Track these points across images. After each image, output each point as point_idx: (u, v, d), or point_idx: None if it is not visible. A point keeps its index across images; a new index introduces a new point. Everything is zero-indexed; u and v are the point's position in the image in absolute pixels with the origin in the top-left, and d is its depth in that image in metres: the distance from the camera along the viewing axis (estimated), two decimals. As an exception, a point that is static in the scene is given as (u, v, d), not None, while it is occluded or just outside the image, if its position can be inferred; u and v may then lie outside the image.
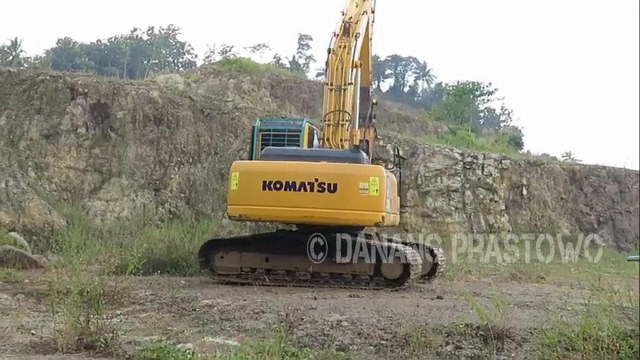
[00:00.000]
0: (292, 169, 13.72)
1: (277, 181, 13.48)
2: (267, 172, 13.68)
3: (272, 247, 14.39)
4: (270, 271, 14.22)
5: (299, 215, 13.69)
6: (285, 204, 13.52)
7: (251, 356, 8.24)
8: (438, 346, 8.66)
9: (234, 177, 13.62)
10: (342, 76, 15.32)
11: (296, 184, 13.45)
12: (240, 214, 13.96)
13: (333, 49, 15.50)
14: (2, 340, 8.98)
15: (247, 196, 13.64)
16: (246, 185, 13.64)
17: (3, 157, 22.94)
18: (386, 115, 38.69)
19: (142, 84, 27.57)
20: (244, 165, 14.18)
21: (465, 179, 27.86)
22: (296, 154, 14.35)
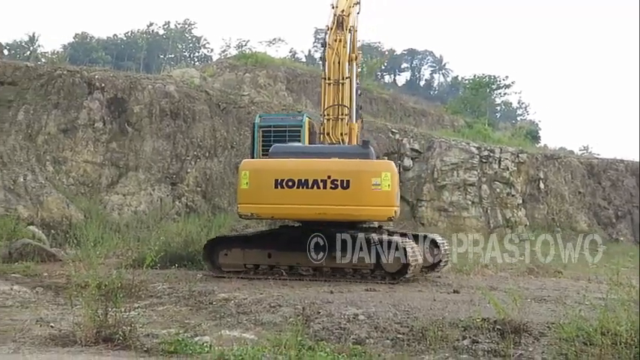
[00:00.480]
0: (304, 166, 13.74)
1: (289, 179, 13.50)
2: (278, 170, 13.66)
3: (274, 244, 14.48)
4: (273, 267, 14.35)
5: (312, 213, 13.65)
6: (297, 202, 13.52)
7: (268, 349, 8.26)
8: (455, 340, 8.64)
9: (244, 175, 13.60)
10: (339, 70, 15.54)
11: (308, 181, 13.50)
12: (251, 213, 13.92)
13: (329, 43, 15.62)
14: (22, 332, 9.06)
15: (258, 194, 13.64)
16: (257, 184, 13.65)
17: (21, 152, 23.11)
18: (402, 109, 38.60)
19: (159, 78, 27.67)
20: (254, 163, 14.04)
21: (481, 173, 27.75)
22: (305, 150, 14.38)
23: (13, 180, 22.44)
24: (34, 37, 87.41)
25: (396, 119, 34.12)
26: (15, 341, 8.67)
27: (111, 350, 8.27)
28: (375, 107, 36.86)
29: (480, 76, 52.89)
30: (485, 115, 45.97)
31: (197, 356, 8.11)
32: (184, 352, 8.18)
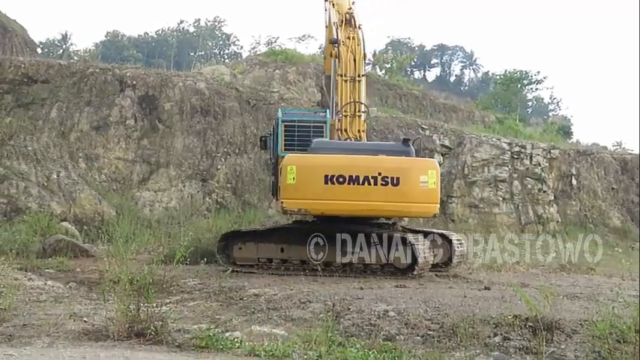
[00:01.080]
0: (356, 162, 13.69)
1: (340, 174, 13.41)
2: (329, 165, 13.54)
3: (287, 239, 14.57)
4: (286, 261, 14.49)
5: (362, 209, 13.67)
6: (348, 198, 13.45)
7: (298, 345, 8.28)
8: (486, 337, 8.58)
9: (290, 170, 13.37)
10: (355, 68, 15.54)
11: (359, 177, 13.44)
12: (299, 209, 13.71)
13: (342, 41, 15.59)
14: (56, 327, 9.17)
15: (307, 190, 13.46)
16: (305, 179, 13.45)
17: (54, 149, 23.41)
18: (432, 105, 38.40)
19: (189, 76, 27.82)
20: (301, 158, 13.74)
21: (512, 169, 27.53)
22: (347, 147, 14.39)
23: (47, 177, 22.75)
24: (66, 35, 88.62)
25: (426, 115, 33.96)
26: (49, 335, 8.79)
27: (143, 345, 8.35)
28: (404, 103, 36.73)
29: (511, 71, 52.42)
30: (517, 111, 45.55)
31: (228, 351, 8.16)
32: (215, 348, 8.23)
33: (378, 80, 38.07)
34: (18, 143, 23.22)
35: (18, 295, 10.87)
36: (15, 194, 22.02)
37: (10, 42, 35.04)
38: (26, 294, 11.69)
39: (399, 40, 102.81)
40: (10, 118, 24.14)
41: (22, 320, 9.66)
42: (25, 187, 22.17)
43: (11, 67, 25.18)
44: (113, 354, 7.95)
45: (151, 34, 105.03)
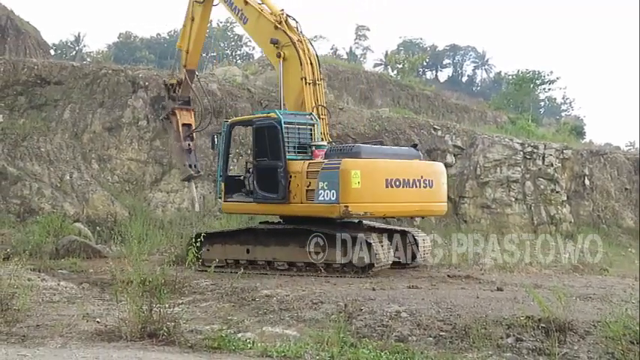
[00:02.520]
0: (406, 167, 14.65)
1: (396, 178, 14.15)
2: (388, 170, 14.22)
3: (253, 240, 15.08)
4: (252, 262, 14.88)
5: (413, 210, 15.23)
6: (403, 200, 14.35)
7: (310, 346, 8.30)
8: (499, 338, 8.57)
9: (355, 175, 13.58)
10: (312, 71, 15.69)
11: (409, 181, 14.40)
12: (365, 212, 14.00)
13: (294, 42, 15.66)
14: (69, 327, 9.22)
15: (370, 193, 13.83)
16: (369, 183, 13.79)
17: (67, 150, 23.52)
18: (444, 105, 38.37)
19: (201, 77, 27.77)
20: (363, 163, 13.95)
21: (525, 169, 27.43)
22: (385, 152, 15.27)
23: (60, 178, 22.86)
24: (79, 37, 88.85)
25: (438, 115, 33.93)
26: (62, 336, 8.85)
27: (156, 346, 8.38)
28: (416, 104, 36.72)
29: (523, 71, 52.26)
30: (529, 111, 45.43)
31: (240, 352, 8.18)
32: (228, 348, 8.25)
33: (390, 81, 38.11)
34: (31, 144, 23.34)
35: (31, 296, 10.94)
36: (28, 195, 22.13)
37: (23, 44, 35.25)
38: (39, 295, 11.75)
39: (411, 40, 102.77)
40: (24, 120, 24.28)
41: (36, 321, 9.72)
42: (38, 188, 22.29)
43: (25, 69, 25.32)
44: (126, 355, 7.99)
45: (163, 35, 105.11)
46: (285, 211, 14.66)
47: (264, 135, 14.83)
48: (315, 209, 14.12)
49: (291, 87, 15.70)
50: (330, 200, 13.67)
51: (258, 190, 14.78)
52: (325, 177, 13.76)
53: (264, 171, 14.82)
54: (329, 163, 13.87)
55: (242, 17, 16.76)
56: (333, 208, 13.70)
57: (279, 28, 15.78)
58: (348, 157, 13.94)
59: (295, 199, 14.22)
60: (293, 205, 14.29)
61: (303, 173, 14.12)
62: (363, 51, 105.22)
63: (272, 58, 16.34)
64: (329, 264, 14.13)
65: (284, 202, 14.32)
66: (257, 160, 14.97)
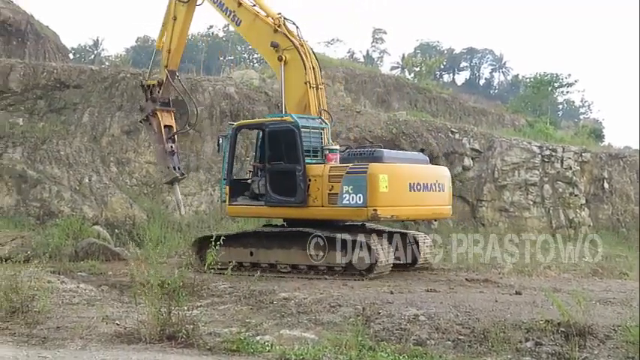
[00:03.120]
0: (425, 171, 15.27)
1: (418, 182, 14.58)
2: (411, 174, 14.65)
3: (256, 243, 15.21)
4: (256, 264, 14.96)
5: (431, 213, 15.94)
6: (423, 203, 14.88)
7: (328, 349, 8.30)
8: (518, 342, 8.54)
9: (383, 179, 13.79)
10: (315, 75, 15.74)
11: (428, 185, 14.89)
12: (392, 215, 14.30)
13: (296, 47, 15.65)
14: (88, 329, 9.29)
15: (397, 197, 14.11)
16: (395, 187, 14.04)
17: (86, 153, 23.67)
18: (461, 108, 38.26)
19: (219, 80, 27.97)
20: (390, 168, 14.22)
21: (543, 173, 27.28)
22: (402, 156, 15.70)
23: (79, 181, 23.01)
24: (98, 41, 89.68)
25: (455, 119, 33.80)
26: (82, 338, 8.91)
27: (175, 348, 8.42)
28: (434, 107, 36.63)
29: (541, 74, 52.00)
30: (547, 114, 45.17)
31: (259, 355, 8.20)
32: (246, 351, 8.28)
33: (407, 84, 38.06)
34: (51, 148, 23.51)
35: (51, 298, 11.03)
36: (48, 198, 22.29)
37: (43, 48, 35.50)
38: (59, 297, 11.85)
39: (428, 43, 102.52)
40: (43, 123, 24.46)
41: (56, 323, 9.80)
42: (57, 191, 22.44)
43: (44, 73, 25.51)
44: (145, 357, 8.03)
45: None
46: (304, 215, 14.62)
47: (280, 138, 14.89)
48: (339, 212, 14.24)
49: (292, 91, 15.71)
50: (357, 204, 13.78)
51: (271, 194, 14.79)
52: (351, 181, 13.89)
53: (279, 174, 14.84)
54: (354, 167, 13.99)
55: (234, 19, 16.64)
56: (360, 211, 13.83)
57: (279, 32, 15.76)
58: (371, 161, 14.07)
59: (315, 203, 14.28)
60: (312, 209, 14.34)
61: (324, 177, 14.19)
62: (380, 54, 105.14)
63: (271, 62, 16.26)
64: (330, 266, 14.31)
65: (302, 205, 14.36)
66: (271, 164, 14.95)
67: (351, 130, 25.19)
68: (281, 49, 15.61)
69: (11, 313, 9.78)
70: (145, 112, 18.27)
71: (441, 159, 25.22)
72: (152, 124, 18.13)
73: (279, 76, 15.95)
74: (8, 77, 25.13)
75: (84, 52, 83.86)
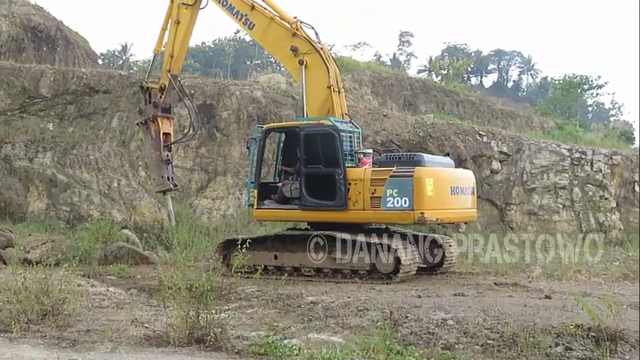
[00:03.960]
0: (461, 175, 15.89)
1: (457, 186, 14.96)
2: (452, 178, 15.09)
3: (280, 246, 15.29)
4: (280, 267, 15.04)
5: (466, 216, 16.03)
6: (461, 206, 15.23)
7: (356, 353, 8.29)
8: (547, 347, 8.46)
9: (429, 183, 14.00)
10: (337, 79, 15.79)
11: (464, 188, 15.30)
12: (437, 218, 14.50)
13: (318, 50, 15.62)
14: (118, 332, 9.37)
15: (440, 200, 14.37)
16: (439, 191, 14.32)
17: (115, 158, 23.89)
18: (489, 111, 38.00)
19: (246, 84, 28.06)
20: (435, 172, 14.48)
21: (573, 176, 26.99)
22: (436, 160, 15.61)
23: (108, 185, 23.23)
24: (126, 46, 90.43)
25: (483, 121, 33.59)
26: (112, 341, 8.99)
27: (203, 351, 8.46)
28: (461, 109, 36.44)
29: (570, 76, 51.51)
30: (577, 116, 44.75)
31: (287, 359, 8.21)
32: (274, 355, 8.29)
33: (434, 87, 37.89)
34: (80, 152, 23.78)
35: (81, 301, 11.16)
36: (78, 202, 22.55)
37: (72, 54, 35.93)
38: (89, 300, 11.98)
39: (456, 46, 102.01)
40: (73, 128, 24.76)
41: (86, 326, 9.90)
42: (87, 195, 22.69)
43: (74, 78, 25.83)
44: (174, 360, 8.08)
45: (208, 43, 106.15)
46: (343, 218, 14.66)
47: (317, 142, 14.91)
48: (382, 216, 14.41)
49: (314, 95, 15.65)
50: (402, 207, 13.93)
51: (307, 197, 14.80)
52: (395, 184, 14.00)
53: (316, 178, 14.88)
54: (399, 171, 14.09)
55: (247, 22, 16.47)
56: (406, 214, 13.95)
57: (298, 35, 15.70)
58: (413, 165, 14.22)
59: (356, 206, 14.36)
60: (353, 212, 14.43)
61: (366, 180, 14.27)
62: (406, 57, 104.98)
63: (290, 66, 16.27)
64: (355, 269, 14.40)
65: (342, 209, 14.40)
66: (307, 167, 14.95)
67: (378, 134, 25.15)
68: (301, 52, 15.58)
69: (42, 315, 9.89)
70: (145, 115, 17.89)
71: (468, 162, 25.08)
72: (150, 130, 17.80)
73: (299, 80, 15.98)
74: (39, 83, 25.52)
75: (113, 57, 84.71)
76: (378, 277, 14.14)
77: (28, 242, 17.73)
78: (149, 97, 17.90)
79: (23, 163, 23.31)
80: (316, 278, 14.57)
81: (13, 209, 22.51)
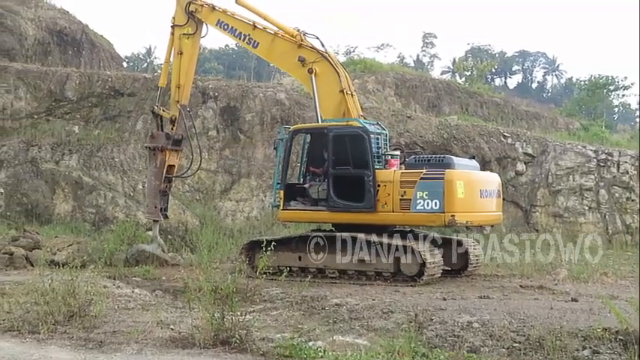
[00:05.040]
0: (489, 178, 15.96)
1: (486, 189, 14.98)
2: (482, 181, 15.19)
3: (304, 247, 15.17)
4: (304, 269, 15.06)
5: (493, 218, 15.99)
6: (489, 209, 15.25)
7: (381, 356, 8.28)
8: (574, 351, 8.39)
9: (460, 185, 14.03)
10: (348, 82, 15.91)
11: (492, 191, 15.32)
12: (467, 221, 14.47)
13: (326, 57, 15.87)
14: (144, 334, 9.43)
15: (470, 203, 14.41)
16: (470, 194, 14.35)
17: (140, 160, 24.04)
18: (514, 112, 37.72)
19: (269, 86, 28.15)
20: (465, 174, 14.51)
21: (599, 177, 26.72)
22: (463, 163, 15.47)
23: (133, 187, 23.40)
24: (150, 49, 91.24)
25: (507, 123, 33.36)
26: (138, 342, 9.06)
27: (228, 353, 8.50)
28: (485, 111, 36.21)
29: (596, 77, 51.06)
30: (602, 118, 44.32)
31: (311, 361, 8.21)
32: (299, 357, 8.30)
33: (458, 88, 37.70)
34: (105, 155, 23.98)
35: (107, 303, 11.25)
36: (103, 204, 22.74)
37: (97, 57, 36.26)
38: (115, 301, 12.04)
39: (479, 47, 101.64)
40: (99, 131, 24.97)
41: (112, 327, 9.97)
42: (112, 198, 22.87)
43: (99, 81, 26.06)
44: (199, 361, 8.11)
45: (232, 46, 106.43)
46: (372, 220, 14.63)
47: (345, 143, 14.95)
48: (412, 218, 14.39)
49: (326, 100, 15.74)
50: (432, 209, 13.92)
51: (335, 199, 14.81)
52: (426, 186, 14.00)
53: (345, 180, 14.88)
54: (429, 173, 14.09)
55: (251, 42, 16.70)
56: (437, 217, 13.94)
57: (304, 46, 15.90)
58: (444, 167, 14.22)
59: (385, 208, 14.36)
60: (382, 214, 14.41)
61: (395, 182, 14.27)
62: (430, 58, 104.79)
63: (299, 76, 16.49)
64: (379, 271, 14.39)
65: (371, 210, 14.40)
66: (335, 169, 14.96)
67: (402, 135, 25.08)
68: (309, 62, 15.73)
69: (69, 317, 9.98)
70: (155, 143, 17.89)
71: (493, 164, 24.94)
72: (156, 158, 17.87)
73: (309, 88, 16.08)
74: (64, 86, 25.79)
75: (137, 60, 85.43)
76: (402, 280, 14.12)
77: (54, 244, 17.87)
78: (161, 122, 18.09)
79: (50, 166, 23.56)
80: (340, 280, 14.56)
81: (39, 211, 22.75)
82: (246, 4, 16.90)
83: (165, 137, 17.78)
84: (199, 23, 17.43)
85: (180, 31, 17.46)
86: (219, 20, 17.08)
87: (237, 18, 16.89)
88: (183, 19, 17.35)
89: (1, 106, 25.13)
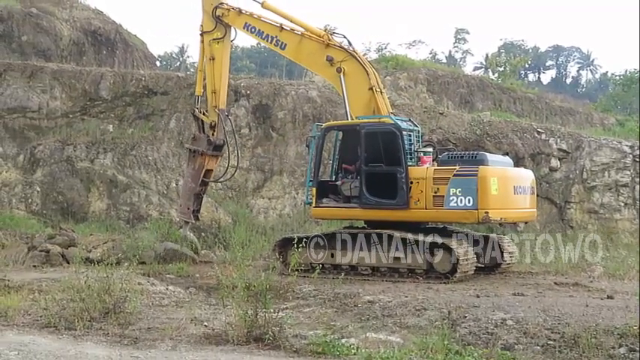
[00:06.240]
0: (522, 174, 15.84)
1: (520, 185, 14.95)
2: (515, 177, 15.12)
3: (336, 244, 15.15)
4: (336, 266, 14.95)
5: (527, 215, 15.75)
6: (523, 206, 15.17)
7: (414, 353, 8.26)
8: (610, 348, 8.30)
9: (494, 182, 14.02)
10: (377, 80, 15.92)
11: (526, 188, 15.26)
12: (501, 217, 14.53)
13: (355, 56, 15.93)
14: (178, 330, 9.52)
15: (504, 200, 14.39)
16: (504, 190, 14.32)
17: (173, 158, 24.24)
18: (548, 108, 37.32)
19: (301, 84, 28.16)
20: (499, 171, 14.49)
21: (635, 173, 26.32)
22: (497, 160, 15.49)
23: (166, 185, 23.60)
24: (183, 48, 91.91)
25: (541, 118, 33.00)
26: (172, 339, 9.14)
27: (261, 350, 8.54)
28: (519, 106, 35.88)
29: (631, 71, 50.34)
30: (638, 113, 43.65)
31: (344, 358, 8.24)
32: (332, 354, 8.32)
33: (491, 84, 37.42)
34: (139, 153, 24.21)
35: (142, 300, 11.36)
36: (137, 202, 22.97)
37: (131, 56, 36.63)
38: (149, 298, 12.17)
39: (512, 42, 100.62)
40: (132, 129, 25.21)
41: (147, 324, 10.08)
42: (146, 196, 23.08)
43: (133, 81, 26.30)
44: (233, 358, 8.18)
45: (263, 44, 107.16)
46: (405, 217, 14.63)
47: (378, 140, 14.93)
48: (445, 215, 14.39)
49: (356, 98, 15.74)
50: (466, 206, 13.90)
51: (367, 196, 14.78)
52: (459, 183, 13.98)
53: (377, 177, 14.86)
54: (463, 170, 14.07)
55: (278, 44, 16.80)
56: (470, 214, 13.92)
57: (331, 45, 15.94)
58: (477, 164, 14.17)
59: (418, 205, 14.34)
60: (415, 211, 14.41)
61: (428, 179, 14.26)
62: (462, 54, 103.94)
63: (328, 75, 16.51)
64: (412, 268, 14.37)
65: (404, 207, 14.37)
66: (368, 166, 14.94)
67: (435, 132, 24.95)
68: (337, 61, 15.78)
69: (104, 314, 10.11)
70: (197, 146, 18.04)
71: (526, 160, 24.70)
72: (196, 161, 18.08)
73: (338, 87, 16.12)
74: (99, 85, 26.06)
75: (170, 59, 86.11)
76: (435, 277, 14.08)
77: (89, 242, 18.08)
78: (202, 123, 18.17)
79: (84, 164, 23.84)
80: (373, 277, 14.55)
81: (75, 209, 23.05)
82: (272, 7, 17.03)
83: (207, 142, 17.93)
84: (227, 27, 17.62)
85: (209, 37, 17.65)
86: (246, 23, 17.26)
87: (264, 20, 17.02)
88: (211, 24, 17.56)
89: (37, 105, 25.44)
